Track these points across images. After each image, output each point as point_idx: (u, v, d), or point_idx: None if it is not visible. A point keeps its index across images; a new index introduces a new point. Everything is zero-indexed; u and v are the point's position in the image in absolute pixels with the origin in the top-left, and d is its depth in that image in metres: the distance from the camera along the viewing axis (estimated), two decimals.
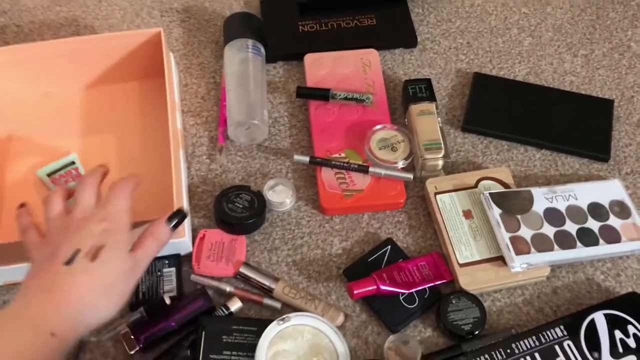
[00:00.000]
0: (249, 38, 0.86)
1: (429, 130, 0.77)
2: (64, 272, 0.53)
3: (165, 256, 0.72)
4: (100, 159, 0.79)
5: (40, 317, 0.51)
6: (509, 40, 0.92)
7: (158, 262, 0.72)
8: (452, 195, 0.76)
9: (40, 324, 0.51)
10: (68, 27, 0.93)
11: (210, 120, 0.85)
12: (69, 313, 0.52)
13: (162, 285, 0.70)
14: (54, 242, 0.56)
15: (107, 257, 0.55)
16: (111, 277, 0.55)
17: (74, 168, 0.77)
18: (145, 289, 0.70)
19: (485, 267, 0.71)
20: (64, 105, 0.84)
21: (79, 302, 0.53)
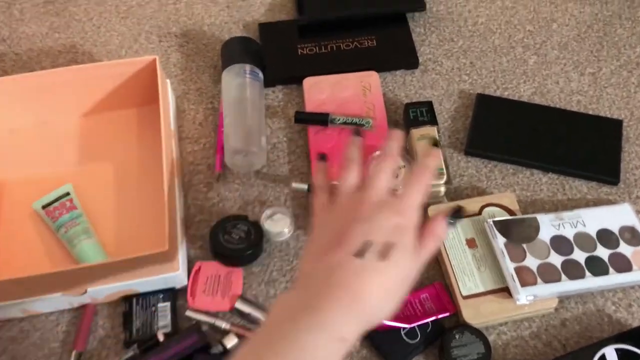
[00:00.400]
0: (247, 63, 0.84)
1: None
2: (354, 268, 0.49)
3: (160, 290, 0.70)
4: (96, 188, 0.79)
5: (335, 323, 0.47)
6: (513, 59, 0.90)
7: (152, 297, 0.70)
8: None
9: (335, 332, 0.47)
10: (66, 54, 0.93)
11: (208, 146, 0.83)
12: (358, 316, 0.49)
13: (157, 320, 0.68)
14: (341, 219, 0.54)
15: (397, 259, 0.51)
16: (398, 279, 0.51)
17: (68, 199, 0.76)
18: (140, 324, 0.68)
19: (489, 299, 0.68)
20: (61, 134, 0.83)
21: (368, 305, 0.49)
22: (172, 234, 0.68)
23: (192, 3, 0.98)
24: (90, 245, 0.72)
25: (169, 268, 0.68)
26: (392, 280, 0.51)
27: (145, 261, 0.66)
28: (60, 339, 0.69)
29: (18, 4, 0.98)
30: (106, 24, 0.96)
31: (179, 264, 0.69)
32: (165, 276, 0.69)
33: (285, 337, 0.46)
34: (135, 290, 0.70)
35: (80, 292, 0.68)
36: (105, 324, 0.70)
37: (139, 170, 0.80)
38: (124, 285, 0.69)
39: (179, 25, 0.95)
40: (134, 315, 0.69)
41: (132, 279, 0.68)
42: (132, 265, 0.66)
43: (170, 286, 0.71)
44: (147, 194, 0.77)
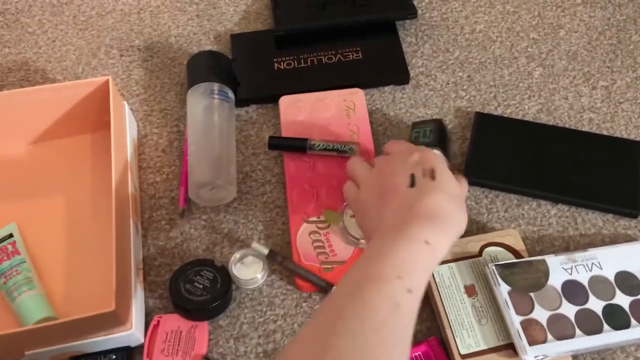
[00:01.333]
0: (215, 82, 0.74)
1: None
2: (415, 195, 0.54)
3: (113, 350, 0.61)
4: (44, 227, 0.69)
5: (414, 231, 0.52)
6: (516, 72, 0.80)
7: (104, 358, 0.61)
8: (452, 267, 0.64)
9: (415, 236, 0.51)
10: (17, 72, 0.83)
11: (172, 177, 0.74)
12: (435, 225, 0.53)
13: None
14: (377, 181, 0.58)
15: (444, 174, 0.57)
16: (456, 189, 0.57)
17: (11, 242, 0.67)
18: None
19: (492, 358, 0.59)
20: (6, 165, 0.74)
21: (441, 215, 0.53)
22: (122, 288, 0.58)
23: (158, 12, 0.88)
24: (33, 297, 0.63)
25: (120, 327, 0.59)
26: (452, 190, 0.56)
27: (92, 321, 0.56)
28: None
29: None
30: (62, 36, 0.86)
31: (132, 322, 0.60)
32: (116, 335, 0.59)
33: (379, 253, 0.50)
34: (83, 351, 0.61)
35: (17, 356, 0.59)
36: None
37: (93, 205, 0.71)
38: (70, 346, 0.59)
39: (142, 37, 0.85)
40: None
41: (78, 340, 0.59)
42: (78, 326, 0.57)
43: (125, 345, 0.61)
44: (101, 234, 0.67)
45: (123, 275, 0.59)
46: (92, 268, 0.66)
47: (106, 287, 0.58)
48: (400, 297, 0.47)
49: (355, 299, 0.46)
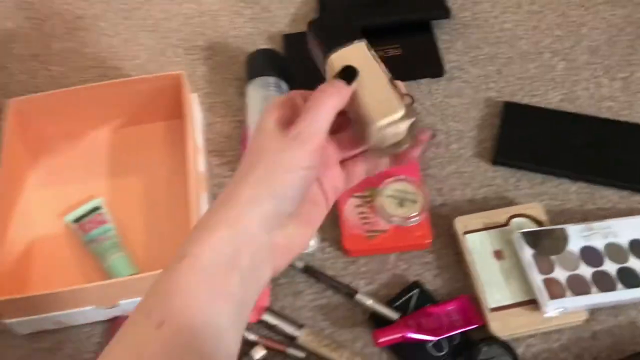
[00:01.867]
0: (271, 75, 0.85)
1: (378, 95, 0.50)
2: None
3: None
4: (125, 202, 0.80)
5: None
6: (541, 66, 0.89)
7: None
8: (483, 235, 0.72)
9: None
10: (96, 68, 0.95)
11: (234, 159, 0.84)
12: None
13: None
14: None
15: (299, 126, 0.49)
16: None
17: (99, 213, 0.78)
18: None
19: (518, 311, 0.67)
20: (91, 149, 0.85)
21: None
22: None
23: (217, 16, 0.99)
24: (120, 259, 0.74)
25: None
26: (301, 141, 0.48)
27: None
28: (94, 350, 0.71)
29: (50, 21, 1.01)
30: (134, 38, 0.97)
31: None
32: None
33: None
34: None
35: (112, 304, 0.69)
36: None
37: (168, 184, 0.81)
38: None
39: (204, 38, 0.96)
40: None
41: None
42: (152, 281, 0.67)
43: None
44: (176, 208, 0.78)
45: None
46: (169, 237, 0.77)
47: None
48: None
49: None
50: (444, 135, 0.83)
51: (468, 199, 0.78)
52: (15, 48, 0.98)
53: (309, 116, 0.46)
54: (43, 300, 0.67)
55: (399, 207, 0.74)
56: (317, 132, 0.46)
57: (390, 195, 0.75)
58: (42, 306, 0.68)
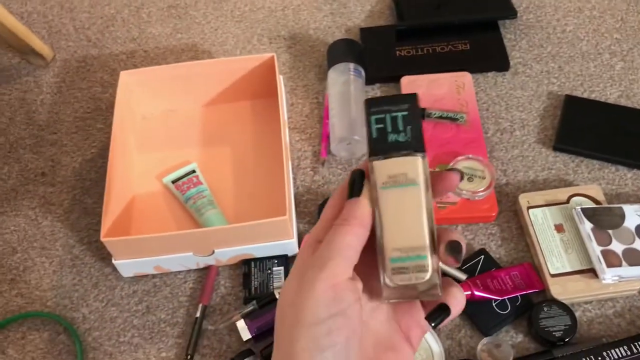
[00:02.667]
0: (351, 62, 0.93)
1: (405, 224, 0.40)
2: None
3: (275, 256, 0.79)
4: (217, 168, 0.89)
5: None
6: (600, 65, 0.96)
7: (268, 262, 0.79)
8: (545, 210, 0.79)
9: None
10: (188, 52, 1.05)
11: (313, 136, 0.93)
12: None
13: (272, 282, 0.78)
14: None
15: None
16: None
17: (194, 176, 0.87)
18: (257, 284, 0.77)
19: (576, 278, 0.74)
20: (186, 121, 0.95)
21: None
22: (289, 205, 0.77)
23: (299, 10, 1.08)
24: (215, 214, 0.83)
25: (285, 235, 0.77)
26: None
27: (266, 227, 0.75)
28: (188, 294, 0.79)
29: (146, 8, 1.11)
30: (222, 26, 1.07)
31: (293, 233, 0.78)
32: (281, 242, 0.78)
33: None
34: (253, 255, 0.79)
35: (207, 252, 0.78)
36: (227, 283, 0.80)
37: (254, 154, 0.90)
38: (245, 249, 0.78)
39: (287, 29, 1.06)
40: (252, 276, 0.78)
41: (253, 243, 0.77)
42: (255, 231, 0.76)
43: (284, 253, 0.80)
44: (262, 175, 0.87)
45: (289, 198, 0.78)
46: (256, 199, 0.85)
47: (268, 212, 0.76)
48: None
49: None
50: (509, 123, 0.91)
51: (530, 180, 0.85)
52: (115, 31, 1.08)
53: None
54: (148, 242, 0.76)
55: (468, 182, 0.82)
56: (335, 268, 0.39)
57: (460, 170, 0.82)
58: (147, 249, 0.77)
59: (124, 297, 0.80)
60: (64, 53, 1.06)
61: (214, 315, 0.77)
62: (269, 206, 0.83)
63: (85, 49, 1.06)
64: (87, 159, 0.93)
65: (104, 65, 1.04)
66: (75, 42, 1.08)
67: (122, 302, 0.80)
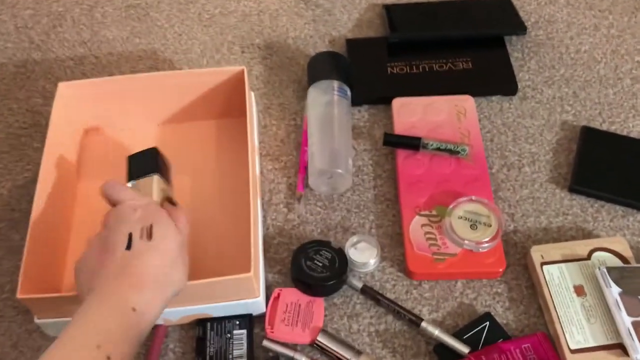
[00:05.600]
0: (335, 79, 0.80)
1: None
2: (129, 257, 0.54)
3: (237, 316, 0.65)
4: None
5: (120, 298, 0.52)
6: (620, 92, 0.83)
7: (228, 323, 0.65)
8: (562, 267, 0.66)
9: (121, 303, 0.52)
10: (147, 60, 0.90)
11: (289, 165, 0.79)
12: (146, 290, 0.53)
13: (232, 349, 0.64)
14: (98, 238, 0.57)
15: (162, 233, 0.56)
16: (173, 248, 0.56)
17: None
18: (214, 352, 0.63)
19: (602, 355, 0.61)
20: (138, 142, 0.80)
21: (153, 278, 0.54)
22: (256, 257, 0.63)
23: (277, 15, 0.94)
24: None
25: (249, 293, 0.63)
26: (168, 250, 0.55)
27: (226, 285, 0.61)
28: None
29: (100, 7, 0.96)
30: (188, 31, 0.93)
31: (260, 290, 0.64)
32: (243, 301, 0.64)
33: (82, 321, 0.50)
34: (210, 315, 0.65)
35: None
36: (177, 347, 0.65)
37: (217, 186, 0.76)
38: (200, 308, 0.64)
39: (262, 37, 0.92)
40: (208, 341, 0.64)
41: (209, 303, 0.63)
42: (212, 289, 0.62)
43: (248, 312, 0.66)
44: (227, 212, 0.73)
45: (254, 247, 0.64)
46: (219, 242, 0.71)
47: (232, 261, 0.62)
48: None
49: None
50: (517, 157, 0.78)
51: (543, 227, 0.72)
52: (63, 32, 0.93)
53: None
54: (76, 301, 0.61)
55: (471, 230, 0.68)
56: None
57: (461, 216, 0.69)
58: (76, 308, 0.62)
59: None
60: (0, 56, 0.91)
61: None
62: (233, 255, 0.68)
63: (26, 52, 0.91)
64: (18, 185, 0.78)
65: (47, 72, 0.89)
66: (15, 43, 0.93)
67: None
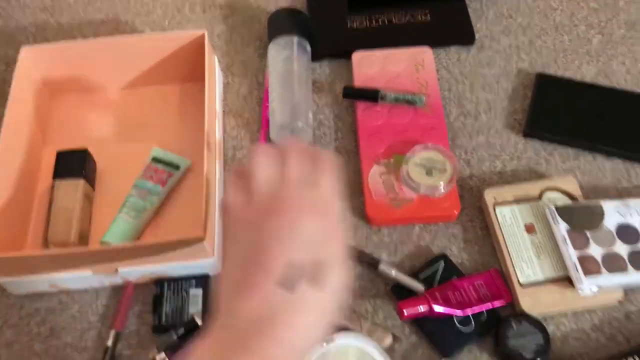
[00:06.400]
0: (295, 35, 0.81)
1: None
2: (283, 303, 0.42)
3: (193, 276, 0.67)
4: (133, 166, 0.75)
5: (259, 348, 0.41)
6: (575, 39, 0.85)
7: (185, 283, 0.67)
8: (514, 208, 0.69)
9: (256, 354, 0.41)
10: (109, 24, 0.90)
11: (251, 121, 0.80)
12: (287, 346, 0.42)
13: (188, 307, 0.66)
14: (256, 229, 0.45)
15: (330, 280, 0.44)
16: (332, 301, 0.44)
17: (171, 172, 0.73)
18: (170, 310, 0.65)
19: (549, 288, 0.64)
20: (101, 107, 0.81)
21: (299, 336, 0.43)
22: (210, 220, 0.64)
23: None
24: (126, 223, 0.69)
25: (202, 254, 0.65)
26: (326, 304, 0.44)
27: (178, 246, 0.63)
28: (100, 312, 0.67)
29: None
30: None
31: (214, 250, 0.66)
32: (200, 262, 0.66)
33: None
34: (168, 274, 0.67)
35: (110, 271, 0.66)
36: (136, 306, 0.67)
37: (180, 150, 0.76)
38: (156, 268, 0.66)
39: None
40: (165, 299, 0.66)
41: (163, 263, 0.65)
42: (165, 249, 0.63)
43: (205, 272, 0.68)
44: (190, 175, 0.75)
45: (210, 210, 0.65)
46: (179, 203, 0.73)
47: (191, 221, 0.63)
48: None
49: None
50: (474, 105, 0.80)
51: (497, 171, 0.74)
52: None
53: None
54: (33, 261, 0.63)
55: (426, 176, 0.71)
56: None
57: (417, 163, 0.71)
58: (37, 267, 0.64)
59: (24, 317, 0.68)
60: None
61: (130, 339, 0.66)
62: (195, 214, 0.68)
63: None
64: None
65: (10, 39, 0.89)
66: None
67: (21, 324, 0.67)
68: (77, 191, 0.70)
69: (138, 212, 0.69)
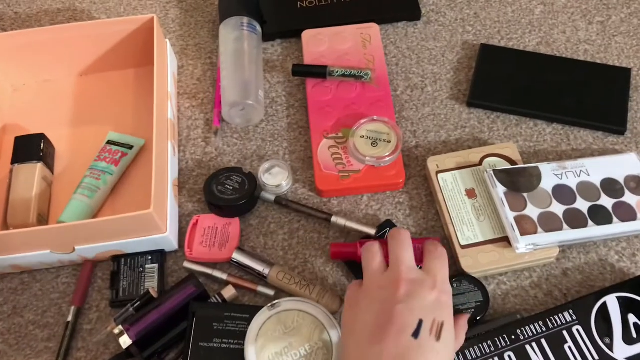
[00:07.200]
0: (244, 16, 0.83)
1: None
2: (412, 351, 0.51)
3: (149, 252, 0.70)
4: (91, 150, 0.77)
5: None
6: (518, 10, 0.87)
7: (141, 258, 0.69)
8: (455, 174, 0.72)
9: None
10: (65, 12, 0.92)
11: (206, 102, 0.82)
12: None
13: (144, 282, 0.68)
14: (380, 301, 0.55)
15: (448, 338, 0.53)
16: (452, 350, 0.54)
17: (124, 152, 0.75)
18: (126, 285, 0.68)
19: (489, 248, 0.67)
20: (59, 94, 0.83)
21: None
22: (160, 196, 0.66)
23: None
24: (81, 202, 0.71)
25: (155, 229, 0.67)
26: (447, 355, 0.53)
27: (127, 221, 0.64)
28: (61, 290, 0.70)
29: None
30: None
31: (167, 226, 0.68)
32: (153, 238, 0.68)
33: None
34: (125, 251, 0.70)
35: (68, 250, 0.68)
36: (95, 283, 0.70)
37: (135, 131, 0.79)
38: (112, 245, 0.68)
39: None
40: (122, 275, 0.69)
41: (117, 239, 0.67)
42: (118, 226, 0.65)
43: (160, 248, 0.70)
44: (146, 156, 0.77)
45: (161, 187, 0.67)
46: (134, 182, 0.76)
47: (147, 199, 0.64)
48: None
49: None
50: (420, 78, 0.82)
51: (442, 141, 0.77)
52: None
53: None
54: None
55: (372, 147, 0.73)
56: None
57: (363, 135, 0.74)
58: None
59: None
60: None
61: (90, 314, 0.68)
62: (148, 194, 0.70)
63: None
64: None
65: None
66: None
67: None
68: (35, 174, 0.72)
69: (92, 192, 0.72)
